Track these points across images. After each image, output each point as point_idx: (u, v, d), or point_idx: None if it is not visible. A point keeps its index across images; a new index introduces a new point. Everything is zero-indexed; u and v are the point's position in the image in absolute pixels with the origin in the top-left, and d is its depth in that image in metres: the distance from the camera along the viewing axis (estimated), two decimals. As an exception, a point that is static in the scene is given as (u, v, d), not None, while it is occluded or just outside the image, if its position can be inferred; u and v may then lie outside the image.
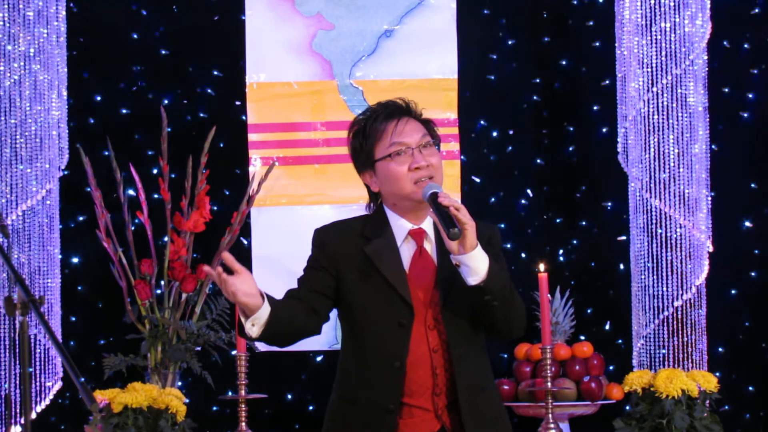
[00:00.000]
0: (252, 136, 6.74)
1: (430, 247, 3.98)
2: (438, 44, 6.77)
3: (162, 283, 6.17)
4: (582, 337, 6.65)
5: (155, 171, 6.57)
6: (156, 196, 6.34)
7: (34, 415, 6.11)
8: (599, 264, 7.06)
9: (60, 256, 6.35)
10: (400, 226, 3.99)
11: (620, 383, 6.04)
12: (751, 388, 7.00)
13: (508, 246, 6.80)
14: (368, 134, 4.01)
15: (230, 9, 6.89)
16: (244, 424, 5.83)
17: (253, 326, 3.86)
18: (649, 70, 6.41)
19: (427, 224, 3.99)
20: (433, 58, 6.77)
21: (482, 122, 7.09)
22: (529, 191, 7.09)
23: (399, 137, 3.96)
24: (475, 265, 3.82)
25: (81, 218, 6.81)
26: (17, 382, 5.85)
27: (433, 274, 3.94)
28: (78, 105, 6.73)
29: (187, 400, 5.81)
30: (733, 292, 7.03)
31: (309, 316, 3.97)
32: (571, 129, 7.11)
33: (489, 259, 3.84)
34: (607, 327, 7.02)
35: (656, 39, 6.40)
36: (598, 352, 6.37)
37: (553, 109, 7.12)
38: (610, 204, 7.06)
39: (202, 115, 6.94)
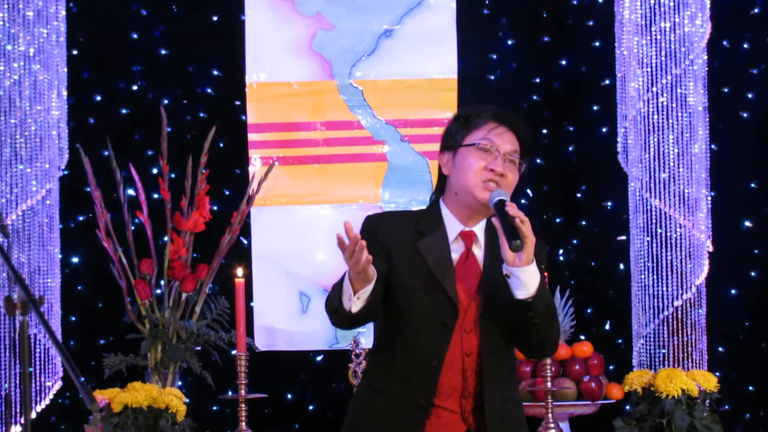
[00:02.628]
0: (252, 136, 6.73)
1: (478, 252, 3.98)
2: (438, 44, 6.76)
3: (162, 282, 6.17)
4: (582, 337, 6.65)
5: (155, 171, 6.58)
6: (156, 196, 6.34)
7: (34, 415, 6.11)
8: (599, 264, 7.07)
9: (60, 256, 6.35)
10: (452, 225, 3.98)
11: (620, 383, 6.05)
12: (751, 388, 7.00)
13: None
14: (470, 121, 4.00)
15: (230, 9, 6.89)
16: (244, 423, 5.84)
17: (358, 299, 3.79)
18: (649, 70, 6.41)
19: (479, 228, 3.99)
20: (433, 58, 6.76)
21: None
22: (529, 191, 7.10)
23: (495, 137, 3.97)
24: (527, 280, 3.83)
25: (81, 218, 6.81)
26: (17, 381, 5.85)
27: (477, 279, 3.94)
28: (78, 105, 6.73)
29: (187, 400, 5.81)
30: (733, 292, 7.04)
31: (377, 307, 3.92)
32: (571, 129, 7.11)
33: (540, 277, 3.86)
34: (607, 327, 7.02)
35: (656, 39, 6.40)
36: (598, 351, 6.37)
37: (553, 109, 7.13)
38: (610, 204, 7.06)
39: (202, 115, 6.94)
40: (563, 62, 7.14)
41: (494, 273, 3.89)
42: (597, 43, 7.08)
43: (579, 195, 7.12)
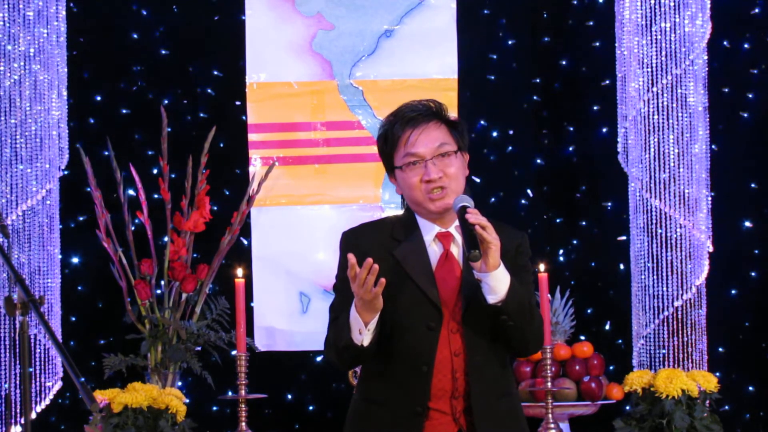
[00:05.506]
0: (252, 136, 6.73)
1: (456, 251, 3.97)
2: (438, 44, 6.76)
3: (162, 283, 6.18)
4: (582, 337, 6.65)
5: (155, 171, 6.58)
6: (156, 196, 6.34)
7: (34, 415, 6.11)
8: (599, 264, 7.06)
9: (60, 256, 6.35)
10: (428, 228, 3.97)
11: (620, 383, 6.04)
12: (751, 388, 7.00)
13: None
14: (388, 139, 3.99)
15: (230, 9, 6.89)
16: (244, 424, 5.84)
17: (369, 331, 3.82)
18: (649, 70, 6.41)
19: (455, 228, 3.97)
20: (433, 58, 6.76)
21: (482, 122, 7.09)
22: (529, 191, 7.10)
23: (412, 148, 3.94)
24: (495, 284, 3.81)
25: (81, 218, 6.81)
26: (17, 382, 5.84)
27: (458, 279, 3.93)
28: (78, 105, 6.73)
29: (187, 400, 5.81)
30: (733, 292, 7.03)
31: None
32: (571, 129, 7.11)
33: (511, 279, 3.84)
34: (607, 327, 7.02)
35: (656, 39, 6.40)
36: (598, 352, 6.37)
37: (553, 109, 7.13)
38: (610, 204, 7.06)
39: (202, 115, 6.94)
40: (563, 62, 7.14)
41: (472, 272, 3.88)
42: (597, 43, 7.08)
43: (579, 195, 7.11)
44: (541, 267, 5.85)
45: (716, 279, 6.60)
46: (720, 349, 6.92)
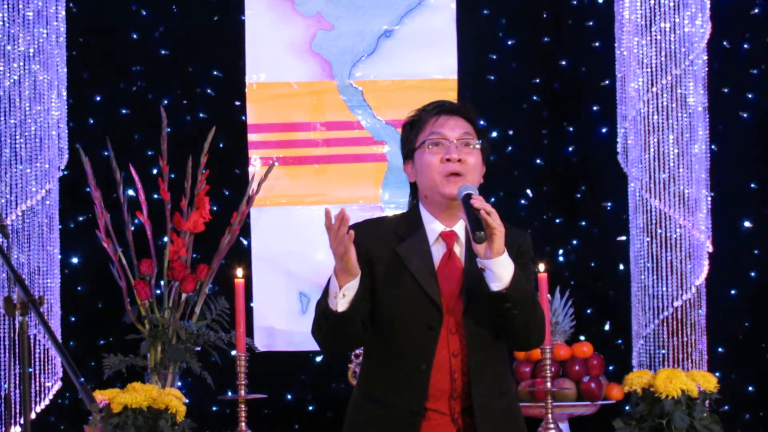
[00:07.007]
0: (252, 137, 6.74)
1: (459, 250, 3.98)
2: (438, 44, 6.76)
3: (162, 283, 6.17)
4: (582, 337, 6.65)
5: (155, 171, 6.58)
6: (156, 196, 6.34)
7: (33, 415, 6.11)
8: (599, 264, 7.07)
9: (60, 256, 6.36)
10: (432, 226, 3.98)
11: (620, 383, 6.04)
12: (750, 388, 7.00)
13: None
14: (415, 124, 4.04)
15: (230, 9, 6.90)
16: (244, 424, 5.84)
17: (344, 297, 3.82)
18: (649, 70, 6.41)
19: (459, 227, 3.99)
20: (433, 58, 6.76)
21: (482, 122, 7.08)
22: (529, 191, 7.10)
23: (440, 128, 3.99)
24: (500, 271, 3.82)
25: (81, 218, 6.82)
26: (17, 382, 5.85)
27: (460, 278, 3.94)
28: (78, 105, 6.73)
29: (187, 400, 5.81)
30: (733, 292, 7.03)
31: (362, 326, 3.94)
32: (571, 129, 7.11)
33: (515, 267, 3.85)
34: (607, 327, 7.02)
35: (656, 39, 6.41)
36: (597, 352, 6.37)
37: (553, 109, 7.13)
38: (610, 204, 7.06)
39: (202, 115, 6.94)
40: (563, 62, 7.14)
41: (475, 270, 3.89)
42: (597, 44, 7.08)
43: (579, 195, 7.12)
44: (541, 267, 5.85)
45: (716, 279, 6.60)
46: (720, 349, 6.92)
